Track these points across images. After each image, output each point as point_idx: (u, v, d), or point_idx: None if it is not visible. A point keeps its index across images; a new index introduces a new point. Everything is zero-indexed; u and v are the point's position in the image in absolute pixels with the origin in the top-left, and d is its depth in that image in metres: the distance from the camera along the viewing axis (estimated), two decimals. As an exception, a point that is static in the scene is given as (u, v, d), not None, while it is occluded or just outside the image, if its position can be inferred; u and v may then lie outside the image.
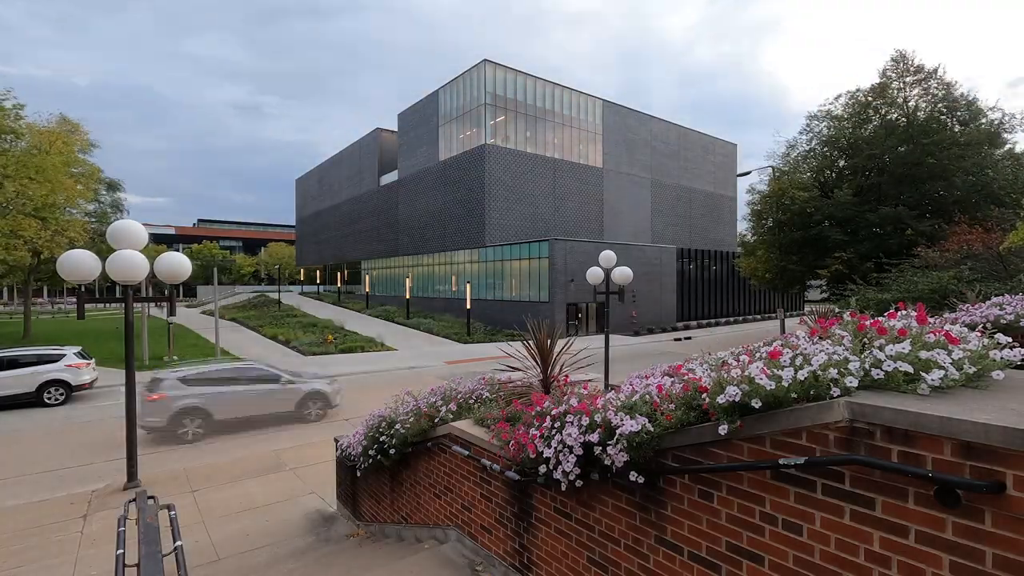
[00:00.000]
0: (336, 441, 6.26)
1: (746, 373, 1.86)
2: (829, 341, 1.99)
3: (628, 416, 2.23)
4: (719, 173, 49.28)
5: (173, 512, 2.91)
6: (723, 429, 1.88)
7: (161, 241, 72.12)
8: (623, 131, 40.60)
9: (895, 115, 21.13)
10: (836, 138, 22.62)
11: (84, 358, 14.33)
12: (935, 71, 20.73)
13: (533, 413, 2.94)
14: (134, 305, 7.72)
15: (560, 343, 4.54)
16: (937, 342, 1.80)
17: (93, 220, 28.05)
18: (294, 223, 71.42)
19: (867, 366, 1.72)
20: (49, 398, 13.47)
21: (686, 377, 2.34)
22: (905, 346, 1.74)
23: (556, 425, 2.64)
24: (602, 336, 16.78)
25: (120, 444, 8.04)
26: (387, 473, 5.05)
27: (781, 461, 1.75)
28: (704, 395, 2.02)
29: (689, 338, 28.86)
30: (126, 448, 7.58)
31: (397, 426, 4.47)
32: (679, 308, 35.65)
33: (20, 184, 19.62)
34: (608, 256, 11.64)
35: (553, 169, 35.83)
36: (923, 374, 1.63)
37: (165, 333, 22.07)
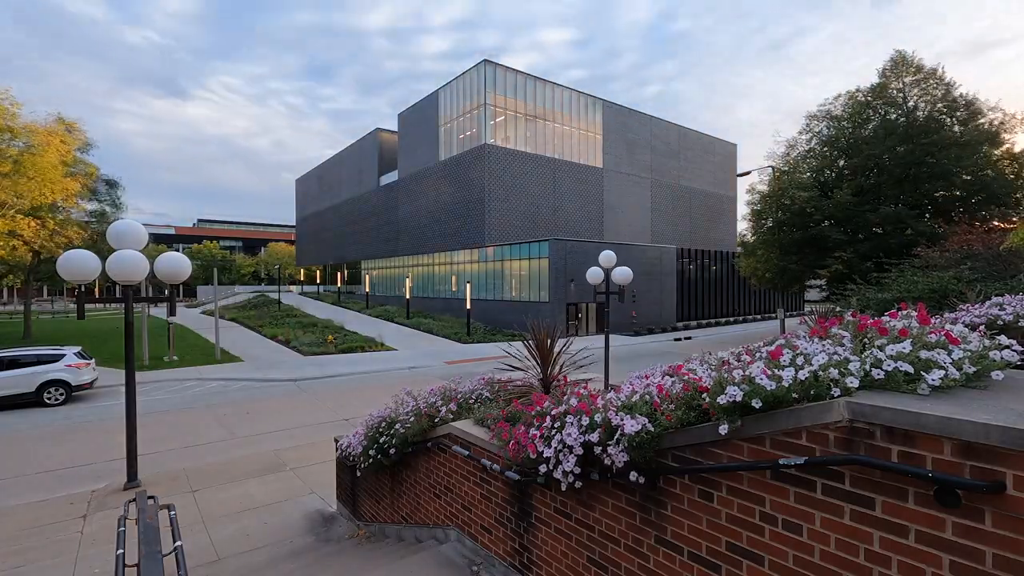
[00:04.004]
0: (336, 441, 6.26)
1: (747, 373, 1.86)
2: (830, 341, 1.99)
3: (628, 416, 2.23)
4: (719, 173, 49.27)
5: (173, 512, 2.91)
6: (723, 429, 1.88)
7: (161, 241, 72.11)
8: (623, 131, 40.59)
9: (895, 115, 21.15)
10: (836, 138, 22.64)
11: (84, 358, 14.32)
12: (934, 71, 20.75)
13: (533, 413, 2.94)
14: (134, 305, 7.72)
15: (560, 343, 4.54)
16: (938, 342, 1.80)
17: (93, 220, 28.02)
18: (294, 223, 71.42)
19: (867, 366, 1.72)
20: (49, 398, 13.46)
21: (686, 377, 2.34)
22: (906, 346, 1.74)
23: (556, 425, 2.64)
24: (602, 336, 16.78)
25: (120, 444, 8.04)
26: (387, 473, 5.05)
27: (781, 461, 1.75)
28: (704, 395, 2.02)
29: (689, 338, 28.85)
30: (126, 448, 7.58)
31: (397, 426, 4.47)
32: (679, 308, 35.63)
33: (17, 183, 19.59)
34: (608, 256, 11.63)
35: (553, 169, 35.82)
36: (923, 374, 1.63)
37: (165, 333, 22.07)
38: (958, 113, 20.39)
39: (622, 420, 2.23)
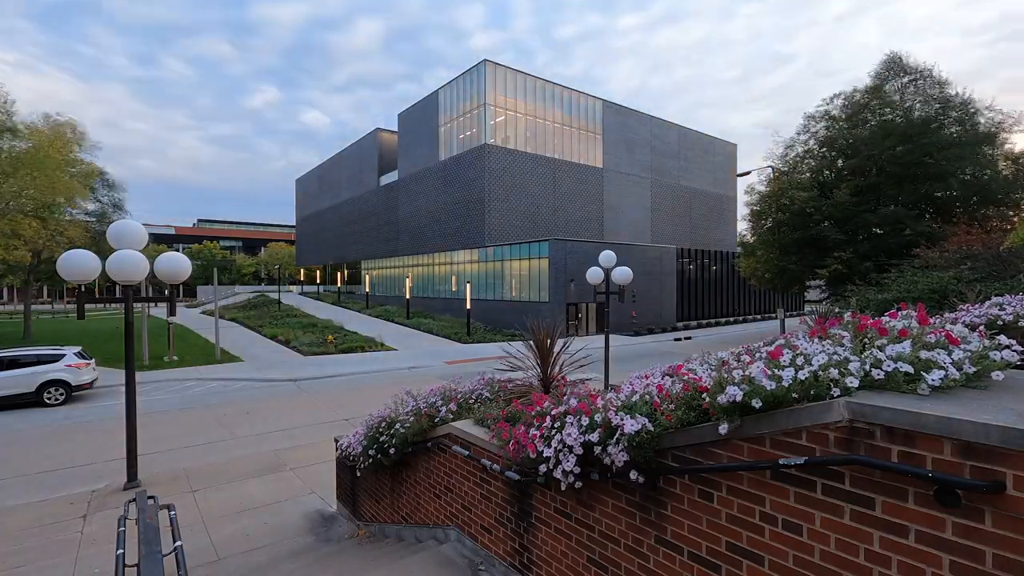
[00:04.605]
0: (336, 441, 6.26)
1: (747, 373, 1.86)
2: (829, 341, 1.99)
3: (628, 416, 2.23)
4: (719, 173, 49.29)
5: (173, 512, 2.91)
6: (723, 429, 1.88)
7: (161, 241, 72.07)
8: (623, 131, 40.59)
9: (892, 115, 21.14)
10: (834, 139, 22.63)
11: (84, 358, 14.33)
12: (928, 71, 20.76)
13: (533, 413, 2.94)
14: (134, 305, 7.72)
15: (560, 343, 4.54)
16: (938, 342, 1.80)
17: (93, 220, 28.05)
18: (294, 223, 71.43)
19: (867, 366, 1.72)
20: (49, 398, 13.46)
21: (686, 377, 2.34)
22: (906, 346, 1.74)
23: (556, 425, 2.64)
24: (602, 336, 16.79)
25: (120, 444, 8.04)
26: (387, 473, 5.05)
27: (781, 461, 1.75)
28: (704, 395, 2.02)
29: (689, 338, 28.85)
30: (126, 448, 7.58)
31: (397, 426, 4.47)
32: (679, 308, 35.64)
33: (19, 183, 19.61)
34: (608, 256, 11.64)
35: (553, 169, 35.83)
36: (923, 374, 1.63)
37: (165, 333, 22.07)
38: (954, 113, 20.38)
39: (622, 420, 2.23)
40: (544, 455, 2.62)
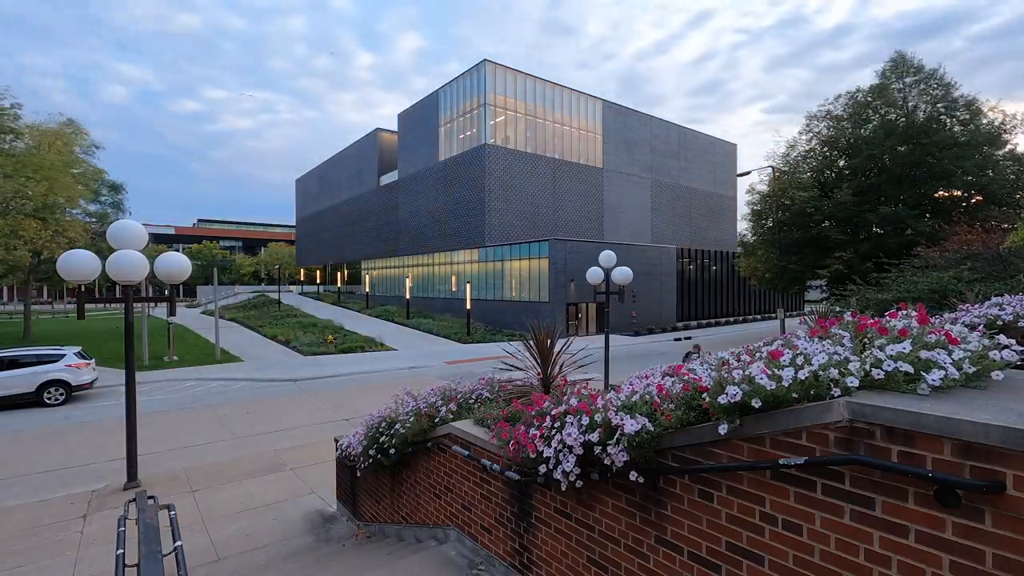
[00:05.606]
0: (336, 441, 6.26)
1: (747, 373, 1.86)
2: (829, 341, 1.99)
3: (628, 416, 2.23)
4: (719, 173, 49.28)
5: (173, 512, 2.91)
6: (723, 429, 1.88)
7: (161, 241, 72.14)
8: (623, 131, 40.59)
9: (895, 115, 21.12)
10: (836, 138, 22.61)
11: (84, 358, 14.33)
12: (935, 71, 20.75)
13: (533, 413, 2.94)
14: (134, 305, 7.72)
15: (560, 343, 4.54)
16: (938, 342, 1.80)
17: (94, 220, 28.06)
18: (294, 223, 71.43)
19: (868, 366, 1.72)
20: (49, 398, 13.47)
21: (686, 377, 2.34)
22: (906, 346, 1.73)
23: (556, 425, 2.64)
24: (602, 336, 16.80)
25: (120, 444, 8.04)
26: (387, 473, 5.05)
27: (781, 461, 1.75)
28: (704, 395, 2.02)
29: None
30: (126, 448, 7.58)
31: (397, 426, 4.47)
32: (679, 308, 35.63)
33: (19, 184, 19.63)
34: (608, 256, 11.64)
35: (553, 169, 35.82)
36: (923, 374, 1.63)
37: (165, 333, 22.08)
38: (957, 113, 20.36)
39: (622, 420, 2.22)
40: (544, 455, 2.62)
